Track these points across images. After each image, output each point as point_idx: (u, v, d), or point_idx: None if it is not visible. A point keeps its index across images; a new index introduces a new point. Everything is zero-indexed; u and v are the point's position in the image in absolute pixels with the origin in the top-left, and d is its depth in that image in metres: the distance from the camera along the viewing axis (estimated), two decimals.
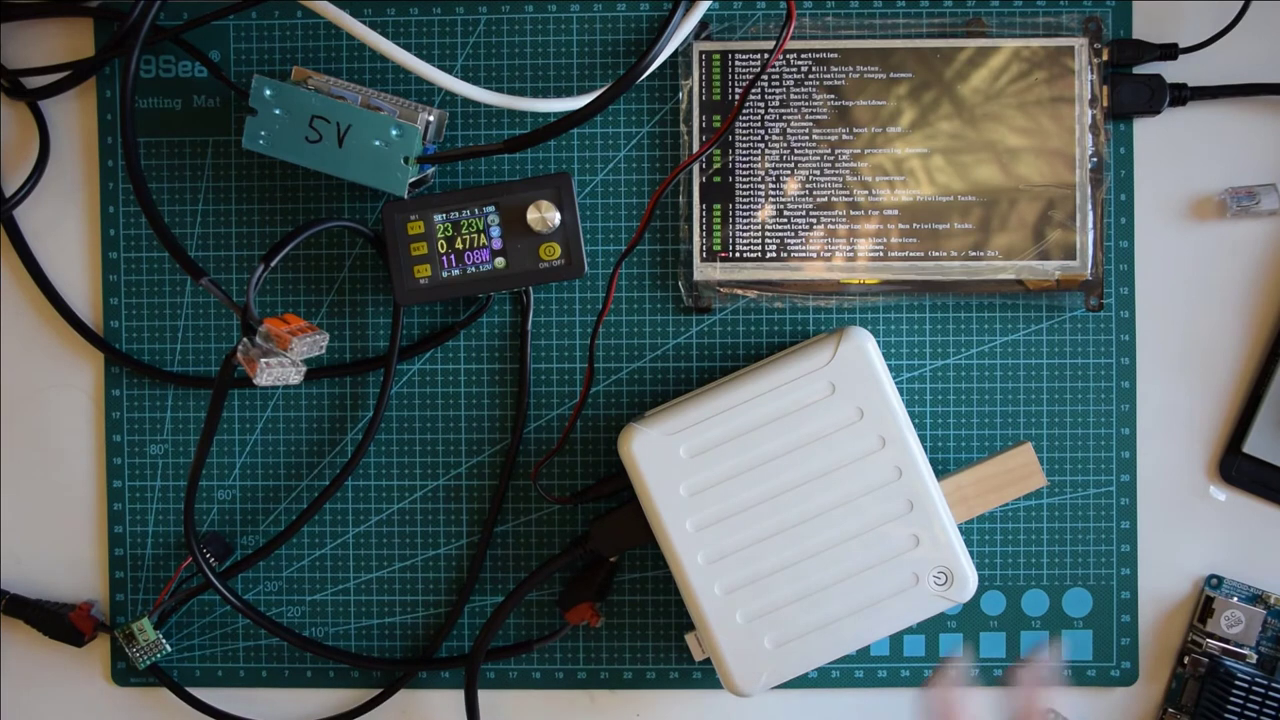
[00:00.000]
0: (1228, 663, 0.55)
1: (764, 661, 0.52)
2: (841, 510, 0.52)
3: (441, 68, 0.55)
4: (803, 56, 0.56)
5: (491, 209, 0.54)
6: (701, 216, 0.57)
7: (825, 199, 0.56)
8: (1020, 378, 0.57)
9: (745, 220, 0.56)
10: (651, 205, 0.54)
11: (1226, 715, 0.54)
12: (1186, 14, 0.57)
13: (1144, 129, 0.57)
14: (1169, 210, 0.57)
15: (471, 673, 0.56)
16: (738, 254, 0.56)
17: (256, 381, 0.49)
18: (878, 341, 0.52)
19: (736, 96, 0.56)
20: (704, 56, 0.56)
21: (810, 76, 0.56)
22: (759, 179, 0.56)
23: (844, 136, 0.56)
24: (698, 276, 0.57)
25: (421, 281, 0.55)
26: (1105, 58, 0.56)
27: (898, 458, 0.52)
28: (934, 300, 0.57)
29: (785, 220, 0.56)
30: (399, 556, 0.58)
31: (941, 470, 0.57)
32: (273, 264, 0.50)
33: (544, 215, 0.54)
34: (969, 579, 0.52)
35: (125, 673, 0.59)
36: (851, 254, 0.56)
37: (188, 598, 0.58)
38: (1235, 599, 0.56)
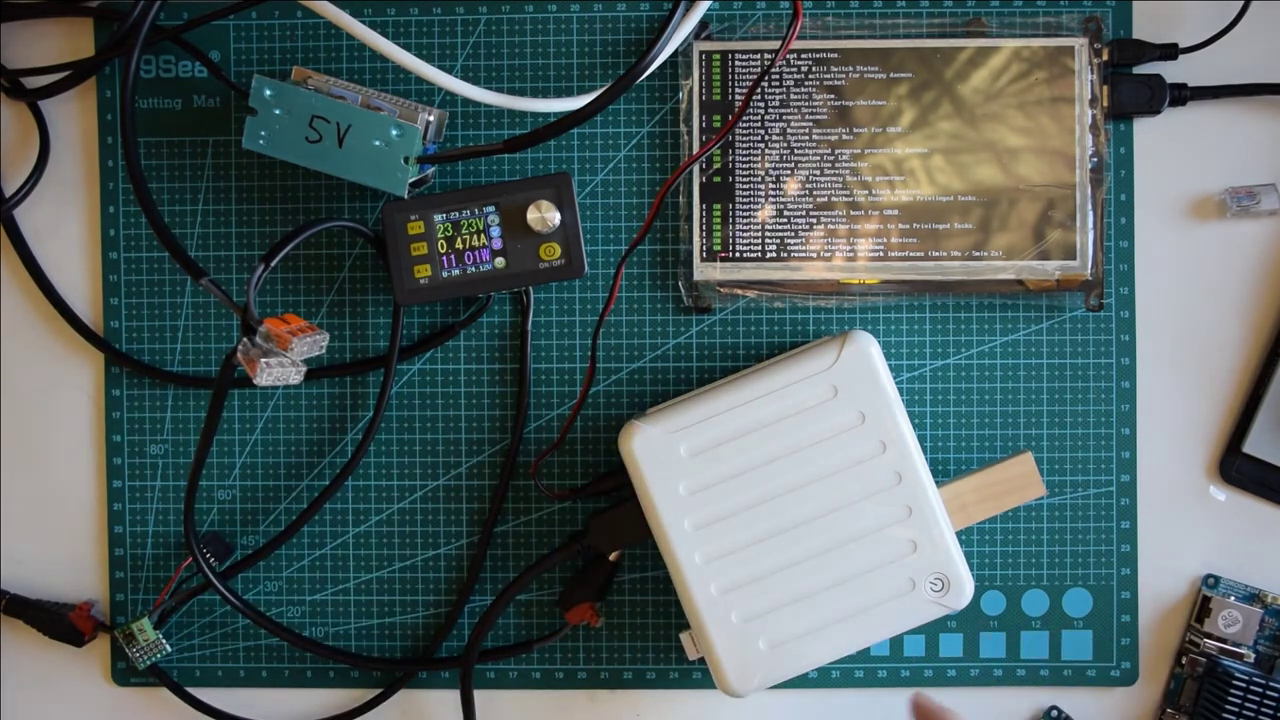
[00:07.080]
0: (1225, 662, 0.55)
1: (758, 663, 0.52)
2: (840, 514, 0.52)
3: (441, 68, 0.55)
4: (803, 56, 0.56)
5: (491, 209, 0.54)
6: (701, 216, 0.56)
7: (825, 199, 0.56)
8: (1020, 378, 0.57)
9: (745, 220, 0.56)
10: (657, 205, 0.54)
11: (1225, 715, 0.54)
12: (1186, 14, 0.57)
13: (1144, 129, 0.57)
14: (1169, 210, 0.57)
15: (466, 672, 0.56)
16: (738, 254, 0.56)
17: (256, 381, 0.49)
18: (878, 342, 0.52)
19: (736, 96, 0.56)
20: (704, 56, 0.56)
21: (810, 76, 0.56)
22: (759, 179, 0.56)
23: (844, 136, 0.56)
24: (698, 276, 0.57)
25: (421, 281, 0.54)
26: (1105, 58, 0.55)
27: (898, 463, 0.52)
28: (934, 300, 0.57)
29: (785, 220, 0.56)
30: (399, 556, 0.58)
31: (940, 471, 0.57)
32: (273, 264, 0.50)
33: (544, 215, 0.54)
34: (965, 586, 0.52)
35: (125, 673, 0.59)
36: (851, 254, 0.56)
37: (188, 598, 0.58)
38: (1232, 598, 0.56)
